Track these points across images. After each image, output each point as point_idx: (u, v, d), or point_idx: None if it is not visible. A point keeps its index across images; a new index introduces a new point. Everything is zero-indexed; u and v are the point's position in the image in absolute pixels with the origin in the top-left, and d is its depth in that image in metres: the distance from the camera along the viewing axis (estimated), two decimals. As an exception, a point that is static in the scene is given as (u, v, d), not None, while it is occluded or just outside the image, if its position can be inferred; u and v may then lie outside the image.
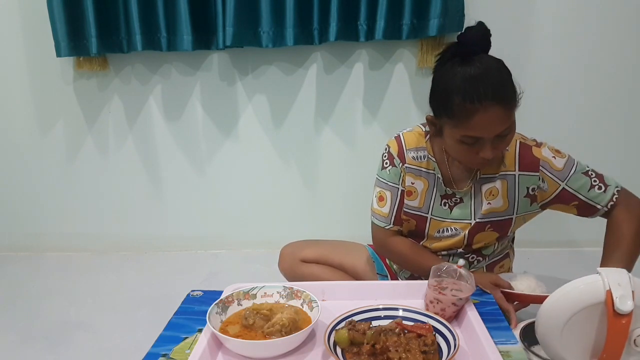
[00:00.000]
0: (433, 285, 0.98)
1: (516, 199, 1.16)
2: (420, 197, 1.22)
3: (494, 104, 0.98)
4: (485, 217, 1.18)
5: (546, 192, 1.14)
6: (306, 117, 2.11)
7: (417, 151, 1.21)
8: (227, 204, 2.25)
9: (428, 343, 0.85)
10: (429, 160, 1.21)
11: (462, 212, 1.19)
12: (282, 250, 1.48)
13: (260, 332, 0.92)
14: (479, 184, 1.17)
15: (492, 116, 0.99)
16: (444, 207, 1.21)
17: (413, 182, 1.22)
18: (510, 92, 1.02)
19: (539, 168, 1.12)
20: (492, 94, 0.98)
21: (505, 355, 0.84)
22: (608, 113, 2.04)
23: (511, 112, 1.02)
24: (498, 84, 1.00)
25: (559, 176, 1.12)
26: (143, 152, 2.21)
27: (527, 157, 1.13)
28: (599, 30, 1.95)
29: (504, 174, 1.15)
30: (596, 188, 1.12)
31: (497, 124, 1.01)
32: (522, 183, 1.14)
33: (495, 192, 1.16)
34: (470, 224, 1.19)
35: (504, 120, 1.01)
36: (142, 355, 0.92)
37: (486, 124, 1.00)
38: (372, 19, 1.86)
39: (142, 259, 2.24)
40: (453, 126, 1.04)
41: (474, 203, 1.18)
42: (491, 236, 1.20)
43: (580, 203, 1.13)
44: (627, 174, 2.06)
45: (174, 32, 1.93)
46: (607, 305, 0.77)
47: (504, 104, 1.00)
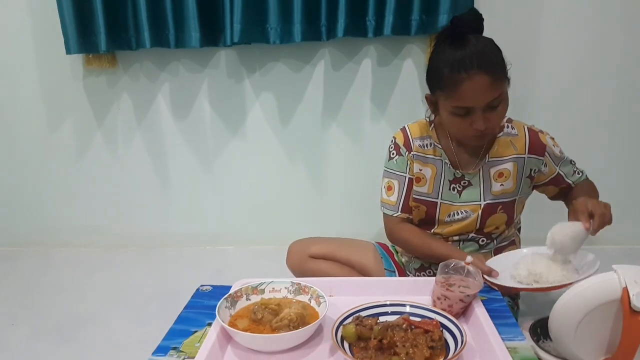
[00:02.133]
0: (440, 282, 0.98)
1: (521, 180, 1.23)
2: (429, 183, 1.26)
3: (479, 72, 1.05)
4: (497, 199, 1.23)
5: (544, 175, 1.25)
6: (314, 114, 2.11)
7: (422, 140, 1.27)
8: (235, 201, 2.26)
9: (435, 339, 0.85)
10: (435, 147, 1.26)
11: (471, 194, 1.24)
12: (290, 246, 1.49)
13: (269, 326, 0.93)
14: (487, 167, 1.23)
15: (479, 84, 1.05)
16: (453, 192, 1.26)
17: (421, 169, 1.27)
18: (496, 63, 1.08)
19: (545, 153, 1.23)
20: (478, 63, 1.05)
21: (512, 351, 0.85)
22: (618, 110, 2.03)
23: (499, 82, 1.08)
24: (483, 55, 1.07)
25: (557, 162, 1.24)
26: (151, 149, 2.22)
27: (535, 142, 1.22)
28: (612, 22, 1.93)
29: (516, 157, 1.22)
30: (576, 173, 1.28)
31: (484, 92, 1.06)
32: (527, 165, 1.23)
33: (508, 174, 1.22)
34: (480, 205, 1.23)
35: (491, 89, 1.06)
36: (151, 349, 0.93)
37: (473, 92, 1.06)
38: (380, 14, 1.86)
39: (151, 254, 2.25)
40: (445, 98, 1.11)
41: (483, 185, 1.23)
42: (502, 219, 1.25)
43: (566, 185, 1.27)
44: (628, 172, 2.07)
45: (181, 29, 1.94)
46: (624, 302, 0.78)
47: (490, 72, 1.06)
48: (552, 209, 1.38)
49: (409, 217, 1.31)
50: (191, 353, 0.91)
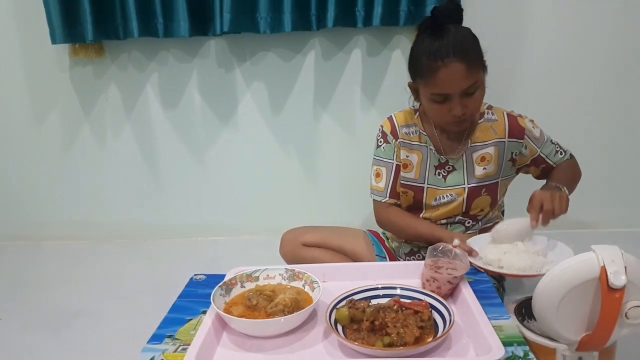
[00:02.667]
0: (429, 265, 1.01)
1: (503, 163, 1.28)
2: (416, 169, 1.32)
3: (455, 60, 1.10)
4: (480, 182, 1.28)
5: (525, 157, 1.30)
6: (304, 104, 2.12)
7: (408, 127, 1.32)
8: (226, 191, 2.27)
9: (425, 319, 0.88)
10: (420, 135, 1.31)
11: (456, 178, 1.29)
12: (284, 235, 1.51)
13: (264, 312, 0.95)
14: (470, 152, 1.28)
15: (455, 72, 1.11)
16: (438, 177, 1.31)
17: (408, 155, 1.32)
18: (472, 51, 1.14)
19: (524, 136, 1.27)
20: (454, 51, 1.10)
21: (498, 329, 0.88)
22: (602, 100, 2.07)
23: (474, 70, 1.13)
24: (460, 44, 1.12)
25: (537, 144, 1.29)
26: (141, 140, 2.21)
27: (514, 126, 1.27)
28: (598, 15, 1.96)
29: (497, 142, 1.27)
30: (559, 153, 1.32)
31: (460, 79, 1.11)
32: (508, 149, 1.28)
33: (489, 158, 1.27)
34: (464, 188, 1.29)
35: (467, 76, 1.12)
36: (145, 340, 0.94)
37: (449, 79, 1.12)
38: (369, 5, 1.87)
39: (142, 246, 2.26)
40: (424, 85, 1.17)
41: (467, 169, 1.28)
42: (486, 201, 1.30)
43: (548, 165, 1.31)
44: (613, 157, 2.12)
45: (170, 18, 1.92)
46: (602, 280, 0.81)
47: (465, 60, 1.11)
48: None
49: (397, 202, 1.36)
50: (186, 340, 0.93)
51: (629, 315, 0.83)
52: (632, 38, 1.98)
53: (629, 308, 0.83)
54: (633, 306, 0.83)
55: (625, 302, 0.82)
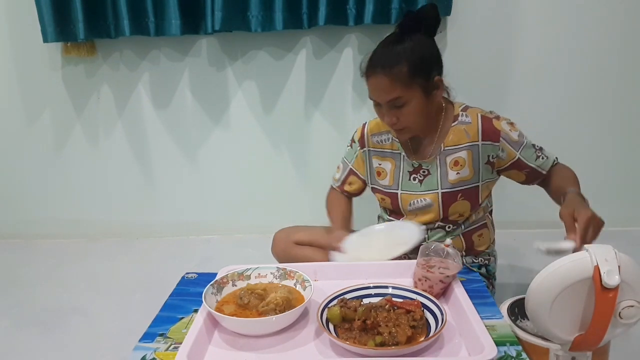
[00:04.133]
0: (421, 264, 1.01)
1: (479, 167, 1.25)
2: (390, 176, 1.32)
3: (378, 72, 1.13)
4: (455, 187, 1.25)
5: (503, 160, 1.24)
6: (296, 102, 2.12)
7: (380, 135, 1.33)
8: (218, 190, 2.26)
9: (417, 318, 0.88)
10: (393, 142, 1.31)
11: (430, 183, 1.28)
12: (275, 234, 1.51)
13: (255, 311, 0.95)
14: (443, 156, 1.26)
15: (377, 83, 1.14)
16: (414, 182, 1.29)
17: (380, 163, 1.33)
18: (404, 68, 1.12)
19: (500, 139, 1.22)
20: (381, 63, 1.12)
21: (490, 329, 0.88)
22: (598, 99, 2.08)
23: (398, 86, 1.13)
24: (391, 57, 1.12)
25: (515, 147, 1.23)
26: (133, 139, 2.20)
27: (489, 128, 1.23)
28: (587, 14, 1.98)
29: (470, 145, 1.24)
30: (540, 157, 1.26)
31: (381, 91, 1.14)
32: (484, 152, 1.23)
33: (463, 162, 1.24)
34: (437, 193, 1.26)
35: (388, 90, 1.13)
36: (136, 338, 0.94)
37: (373, 89, 1.16)
38: (361, 3, 1.87)
39: (134, 245, 2.25)
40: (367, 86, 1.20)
41: (440, 173, 1.26)
42: (464, 206, 1.27)
43: (531, 169, 1.25)
44: (605, 156, 2.13)
45: (162, 17, 1.92)
46: (595, 280, 0.81)
47: (389, 74, 1.12)
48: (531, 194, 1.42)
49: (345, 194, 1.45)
50: (178, 339, 0.92)
51: (622, 314, 0.83)
52: (626, 37, 1.99)
53: (622, 308, 0.83)
54: (627, 306, 0.83)
55: (618, 301, 0.82)
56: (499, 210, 1.45)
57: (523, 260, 1.92)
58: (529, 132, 1.29)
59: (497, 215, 1.44)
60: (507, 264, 1.89)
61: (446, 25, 2.00)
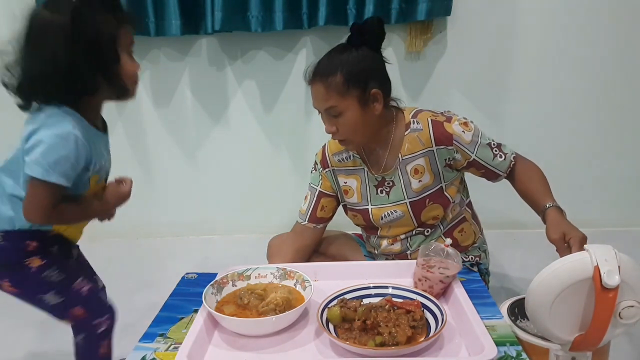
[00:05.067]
0: (421, 264, 1.01)
1: (439, 170, 1.25)
2: (357, 192, 1.31)
3: (317, 80, 1.16)
4: (420, 194, 1.25)
5: (459, 161, 1.24)
6: (296, 102, 2.12)
7: (340, 154, 1.33)
8: (218, 190, 2.26)
9: (417, 318, 0.88)
10: (354, 159, 1.31)
11: (396, 194, 1.27)
12: (270, 242, 1.51)
13: (255, 311, 0.95)
14: (403, 165, 1.25)
15: (315, 91, 1.18)
16: (382, 194, 1.29)
17: (346, 181, 1.33)
18: (338, 77, 1.14)
19: (453, 142, 1.21)
20: (320, 73, 1.15)
21: (490, 329, 0.88)
22: (597, 99, 2.08)
23: (333, 96, 1.15)
24: (330, 66, 1.15)
25: (469, 148, 1.22)
26: (133, 139, 2.20)
27: (440, 132, 1.22)
28: (587, 14, 1.98)
29: (425, 151, 1.23)
30: (498, 157, 1.24)
31: (319, 99, 1.18)
32: (440, 156, 1.23)
33: (422, 169, 1.24)
34: (405, 203, 1.26)
35: (324, 98, 1.16)
36: (137, 338, 0.94)
37: (313, 96, 1.20)
38: (361, 3, 1.87)
39: (134, 245, 2.24)
40: None
41: (404, 183, 1.26)
42: (436, 209, 1.26)
43: (487, 170, 1.25)
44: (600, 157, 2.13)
45: (162, 17, 1.92)
46: (595, 280, 0.81)
47: (325, 83, 1.14)
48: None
49: (315, 227, 1.38)
50: (178, 339, 0.93)
51: (622, 315, 0.83)
52: (625, 36, 1.99)
53: (622, 308, 0.83)
54: (627, 306, 0.83)
55: (618, 301, 0.82)
56: (499, 210, 1.44)
57: (522, 260, 1.92)
58: (528, 132, 1.28)
59: (497, 215, 1.44)
60: (506, 264, 1.89)
61: (446, 25, 2.00)
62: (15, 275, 1.09)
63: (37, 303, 1.13)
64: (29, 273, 1.08)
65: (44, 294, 1.11)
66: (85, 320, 1.16)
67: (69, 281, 1.13)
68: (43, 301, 1.12)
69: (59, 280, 1.11)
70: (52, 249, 1.11)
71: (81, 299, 1.15)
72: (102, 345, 1.19)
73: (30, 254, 1.08)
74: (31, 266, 1.08)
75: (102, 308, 1.21)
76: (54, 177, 0.96)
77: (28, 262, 1.08)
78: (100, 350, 1.19)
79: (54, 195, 0.99)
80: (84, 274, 1.19)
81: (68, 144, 0.97)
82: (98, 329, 1.17)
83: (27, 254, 1.07)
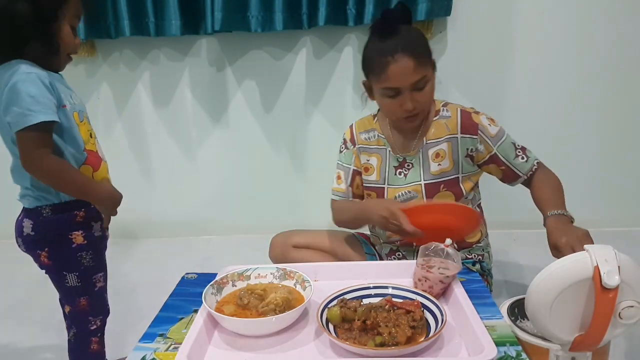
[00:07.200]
0: (421, 264, 1.01)
1: (459, 159, 1.28)
2: (377, 171, 1.35)
3: (403, 55, 1.15)
4: (436, 178, 1.29)
5: (482, 153, 1.27)
6: (296, 102, 2.12)
7: (367, 133, 1.38)
8: (218, 190, 2.26)
9: (416, 318, 0.88)
10: (378, 138, 1.35)
11: (413, 175, 1.31)
12: (273, 239, 1.51)
13: (255, 311, 0.95)
14: (425, 149, 1.30)
15: (403, 66, 1.16)
16: (400, 176, 1.33)
17: (368, 159, 1.36)
18: (420, 48, 1.20)
19: (478, 132, 1.26)
20: (402, 47, 1.16)
21: (490, 329, 0.88)
22: (597, 99, 2.08)
23: (422, 65, 1.18)
24: (408, 41, 1.18)
25: (492, 141, 1.26)
26: (133, 139, 2.20)
27: (467, 121, 1.27)
28: (586, 13, 1.98)
29: (449, 137, 1.28)
30: (520, 158, 1.27)
31: (409, 73, 1.16)
32: (463, 145, 1.27)
33: (443, 154, 1.29)
34: (420, 184, 1.30)
35: (415, 70, 1.16)
36: (136, 338, 0.94)
37: (399, 73, 1.17)
38: (361, 3, 1.87)
39: (134, 245, 2.24)
40: (376, 81, 1.22)
41: (423, 166, 1.30)
42: (449, 197, 1.30)
43: (506, 168, 1.28)
44: (603, 158, 2.13)
45: (162, 17, 1.92)
46: (595, 280, 0.81)
47: (413, 55, 1.16)
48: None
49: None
50: (178, 339, 0.92)
51: (622, 315, 0.83)
52: (625, 36, 1.99)
53: (622, 308, 0.83)
54: (626, 306, 0.82)
55: (618, 302, 0.82)
56: (499, 210, 1.45)
57: (523, 260, 1.92)
58: (528, 132, 1.29)
59: (497, 215, 1.45)
60: (507, 264, 1.89)
61: (446, 25, 2.00)
62: (57, 247, 1.14)
63: (58, 279, 1.18)
64: (69, 248, 1.14)
65: (69, 272, 1.16)
66: (83, 313, 1.21)
67: (92, 271, 1.19)
68: (64, 279, 1.17)
69: (87, 266, 1.17)
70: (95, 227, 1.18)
71: (91, 292, 1.20)
72: (93, 341, 1.23)
73: (77, 227, 1.14)
74: (74, 241, 1.14)
75: (101, 308, 1.25)
76: (41, 116, 1.00)
77: (73, 237, 1.13)
78: (92, 346, 1.23)
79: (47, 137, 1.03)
80: (104, 271, 1.24)
81: (32, 82, 1.01)
82: (90, 325, 1.22)
83: (73, 226, 1.13)
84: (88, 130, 1.17)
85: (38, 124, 0.99)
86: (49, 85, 1.03)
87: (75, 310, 1.21)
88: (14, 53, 1.05)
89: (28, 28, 1.04)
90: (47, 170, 1.06)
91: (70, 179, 1.09)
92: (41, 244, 1.14)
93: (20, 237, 1.16)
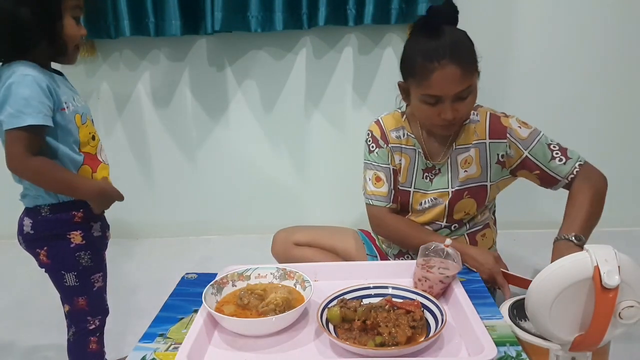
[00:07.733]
0: (421, 264, 1.01)
1: (488, 165, 1.22)
2: (403, 172, 1.29)
3: (451, 63, 1.06)
4: (463, 185, 1.24)
5: (512, 158, 1.21)
6: (296, 102, 2.12)
7: (397, 131, 1.29)
8: (218, 190, 2.26)
9: (416, 318, 0.88)
10: (408, 138, 1.28)
11: (441, 182, 1.26)
12: (275, 235, 1.51)
13: (255, 311, 0.95)
14: (454, 155, 1.24)
15: (450, 74, 1.07)
16: (426, 180, 1.27)
17: (400, 159, 1.29)
18: (468, 56, 1.11)
19: (507, 135, 1.19)
20: (450, 54, 1.07)
21: (490, 329, 0.88)
22: (597, 100, 2.08)
23: (469, 74, 1.09)
24: (456, 46, 1.08)
25: (523, 145, 1.19)
26: (133, 139, 2.20)
27: (496, 126, 1.21)
28: (587, 14, 1.98)
29: (477, 143, 1.22)
30: (557, 160, 1.19)
31: (454, 82, 1.08)
32: (493, 150, 1.21)
33: (470, 160, 1.23)
34: (448, 192, 1.25)
35: (461, 80, 1.08)
36: (136, 338, 0.94)
37: (444, 82, 1.08)
38: (360, 3, 1.87)
39: (134, 245, 2.24)
40: (417, 86, 1.13)
41: (451, 173, 1.24)
42: (470, 204, 1.25)
43: (542, 172, 1.19)
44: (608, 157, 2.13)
45: (162, 17, 1.92)
46: (595, 280, 0.81)
47: (461, 64, 1.07)
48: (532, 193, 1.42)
49: (397, 208, 1.32)
50: (178, 339, 0.92)
51: (622, 315, 0.83)
52: (625, 36, 1.99)
53: (622, 308, 0.83)
54: (627, 306, 0.82)
55: (618, 302, 0.82)
56: (499, 210, 1.45)
57: (523, 261, 1.92)
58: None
59: (497, 215, 1.44)
60: (507, 264, 1.88)
61: (446, 26, 2.00)
62: (55, 246, 1.14)
63: (57, 278, 1.19)
64: (67, 248, 1.15)
65: (68, 272, 1.17)
66: (82, 313, 1.21)
67: (91, 271, 1.20)
68: (63, 278, 1.18)
69: (86, 266, 1.18)
70: (94, 227, 1.19)
71: (89, 292, 1.21)
72: (91, 341, 1.24)
73: (75, 227, 1.14)
74: (72, 241, 1.15)
75: (100, 308, 1.26)
76: (29, 119, 1.00)
77: (71, 236, 1.14)
78: (90, 346, 1.24)
79: (34, 139, 1.03)
80: (103, 271, 1.25)
81: (28, 84, 1.01)
82: (89, 325, 1.22)
83: (72, 227, 1.14)
84: (90, 132, 1.18)
85: (26, 127, 1.00)
86: (45, 88, 1.04)
87: (74, 309, 1.21)
88: (19, 55, 1.05)
89: (33, 32, 1.04)
90: (30, 170, 1.07)
91: (55, 178, 1.09)
92: (40, 242, 1.15)
93: (21, 235, 1.17)
